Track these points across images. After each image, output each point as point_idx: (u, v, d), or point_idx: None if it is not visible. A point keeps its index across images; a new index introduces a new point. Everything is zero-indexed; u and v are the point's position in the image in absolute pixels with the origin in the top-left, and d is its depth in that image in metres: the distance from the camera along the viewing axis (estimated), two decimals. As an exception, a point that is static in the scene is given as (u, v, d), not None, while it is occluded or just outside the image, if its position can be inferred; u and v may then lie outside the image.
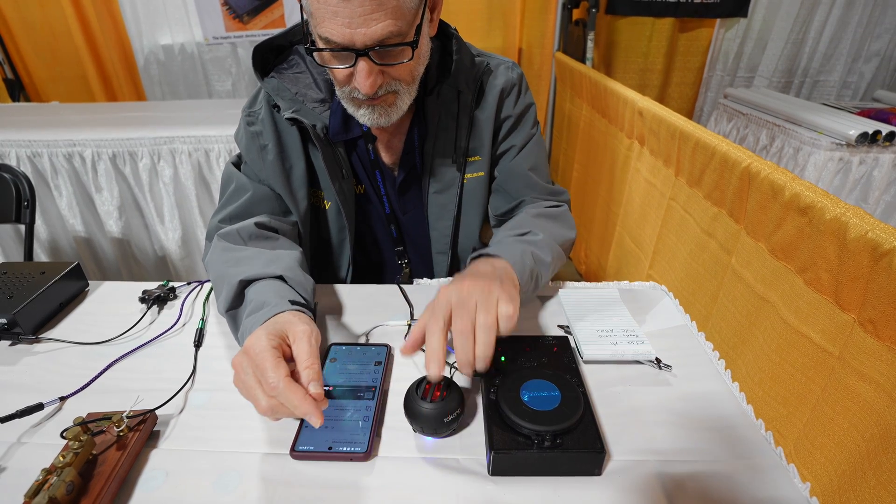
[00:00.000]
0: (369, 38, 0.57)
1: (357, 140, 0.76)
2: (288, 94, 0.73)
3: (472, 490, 0.46)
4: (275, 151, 0.74)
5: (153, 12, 2.22)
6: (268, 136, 0.74)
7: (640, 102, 1.03)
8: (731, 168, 0.61)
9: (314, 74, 0.74)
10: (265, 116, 0.74)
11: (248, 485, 0.47)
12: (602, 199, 1.41)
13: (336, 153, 0.75)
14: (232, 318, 0.61)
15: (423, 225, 0.83)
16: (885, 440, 0.38)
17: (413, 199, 0.82)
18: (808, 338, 0.47)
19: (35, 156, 1.57)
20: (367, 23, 0.56)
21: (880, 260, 0.39)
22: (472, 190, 0.81)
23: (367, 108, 0.66)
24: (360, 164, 0.79)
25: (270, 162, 0.74)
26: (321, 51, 0.60)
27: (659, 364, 0.61)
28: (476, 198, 0.82)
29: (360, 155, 0.78)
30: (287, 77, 0.74)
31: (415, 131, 0.76)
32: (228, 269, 0.63)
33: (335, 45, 0.58)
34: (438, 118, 0.75)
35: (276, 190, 0.75)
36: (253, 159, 0.75)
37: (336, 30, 0.56)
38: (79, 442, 0.45)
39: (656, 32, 2.26)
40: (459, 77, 0.74)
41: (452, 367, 0.60)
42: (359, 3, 0.54)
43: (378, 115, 0.66)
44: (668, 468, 0.48)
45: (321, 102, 0.74)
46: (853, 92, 2.49)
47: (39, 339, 0.66)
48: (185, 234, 1.70)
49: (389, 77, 0.63)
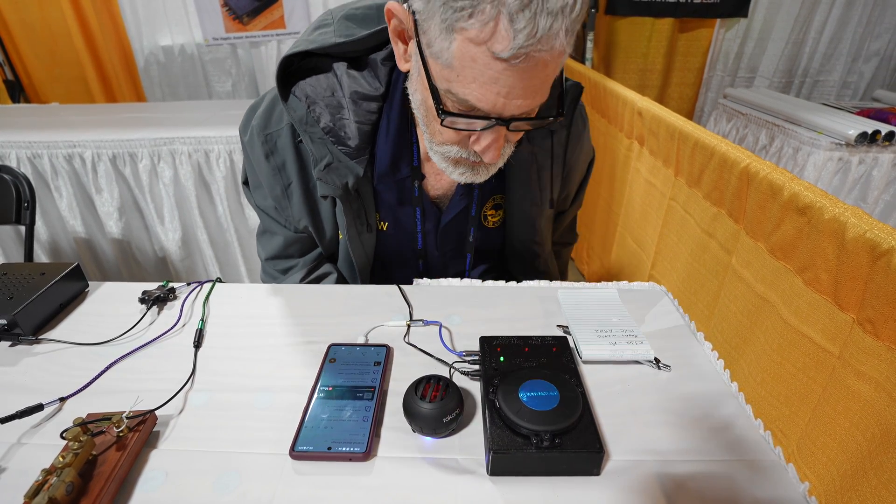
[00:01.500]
0: (520, 111, 0.50)
1: (403, 180, 0.70)
2: (317, 133, 0.62)
3: (471, 490, 0.46)
4: (300, 191, 0.68)
5: (153, 13, 2.22)
6: (292, 171, 0.67)
7: (640, 103, 1.04)
8: (730, 168, 0.61)
9: (351, 113, 0.63)
10: (286, 144, 0.66)
11: (248, 485, 0.47)
12: (603, 200, 1.41)
13: (363, 206, 0.69)
14: None
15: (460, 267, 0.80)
16: (885, 440, 0.38)
17: (458, 241, 0.77)
18: (808, 337, 0.47)
19: (35, 157, 1.57)
20: (527, 95, 0.48)
21: (879, 259, 0.39)
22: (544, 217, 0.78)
23: (469, 167, 0.59)
24: (395, 202, 0.72)
25: (297, 203, 0.69)
26: (456, 116, 0.51)
27: (658, 364, 0.61)
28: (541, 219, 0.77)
29: (397, 191, 0.71)
30: (317, 108, 0.62)
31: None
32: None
33: (477, 112, 0.50)
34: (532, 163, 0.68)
35: (303, 229, 0.74)
36: (277, 198, 0.70)
37: (488, 98, 0.48)
38: (78, 442, 0.45)
39: (656, 33, 2.26)
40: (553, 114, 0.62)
41: (452, 367, 0.60)
42: (526, 75, 0.46)
43: (477, 175, 0.60)
44: (668, 468, 0.48)
45: (357, 150, 0.64)
46: (853, 92, 2.49)
47: (39, 340, 0.66)
48: (185, 234, 1.70)
49: (506, 140, 0.57)
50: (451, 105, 0.51)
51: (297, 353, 0.63)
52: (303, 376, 0.59)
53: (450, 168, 0.60)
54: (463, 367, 0.60)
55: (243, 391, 0.58)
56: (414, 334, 0.66)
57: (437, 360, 0.62)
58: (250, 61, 2.35)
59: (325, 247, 0.78)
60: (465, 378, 0.59)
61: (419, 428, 0.51)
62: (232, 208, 1.65)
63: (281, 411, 0.55)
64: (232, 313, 0.72)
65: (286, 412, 0.54)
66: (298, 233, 0.77)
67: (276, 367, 0.61)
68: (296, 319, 0.70)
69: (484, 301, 0.73)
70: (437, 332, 0.67)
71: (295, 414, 0.53)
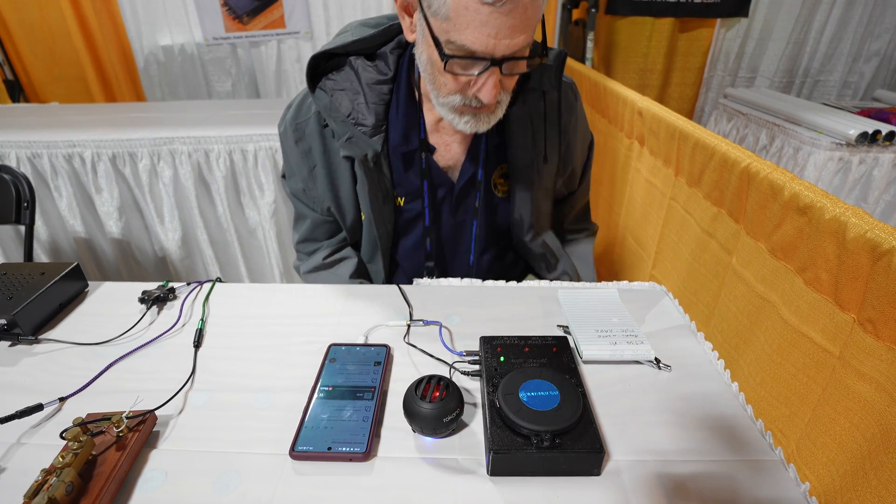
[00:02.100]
0: (510, 50, 0.58)
1: (413, 152, 0.77)
2: (339, 116, 0.72)
3: (471, 490, 0.46)
4: (324, 172, 0.77)
5: (153, 13, 2.22)
6: (317, 155, 0.77)
7: (640, 102, 1.03)
8: (730, 168, 0.61)
9: (367, 96, 0.73)
10: (312, 131, 0.76)
11: (248, 485, 0.47)
12: (604, 200, 1.41)
13: (381, 178, 0.77)
14: None
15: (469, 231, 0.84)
16: (885, 440, 0.38)
17: (468, 205, 0.83)
18: (808, 337, 0.47)
19: (35, 157, 1.57)
20: (514, 34, 0.57)
21: (879, 260, 0.39)
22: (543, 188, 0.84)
23: (472, 115, 0.67)
24: (408, 175, 0.79)
25: (321, 183, 0.79)
26: (455, 59, 0.59)
27: (658, 364, 0.61)
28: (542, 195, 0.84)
29: (410, 164, 0.78)
30: (338, 97, 0.73)
31: (483, 137, 0.77)
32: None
33: (474, 54, 0.58)
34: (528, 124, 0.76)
35: (327, 205, 0.82)
36: (304, 179, 0.80)
37: (480, 39, 0.57)
38: (78, 442, 0.45)
39: (656, 32, 2.25)
40: (543, 78, 0.75)
41: (452, 367, 0.60)
42: (510, 16, 0.55)
43: (480, 122, 0.68)
44: (668, 468, 0.48)
45: (373, 128, 0.73)
46: (853, 91, 2.49)
47: (39, 340, 0.66)
48: (185, 234, 1.70)
49: (503, 87, 0.65)
50: (451, 53, 0.60)
51: (297, 353, 0.63)
52: (303, 376, 0.59)
53: (456, 118, 0.68)
54: (463, 367, 0.60)
55: (243, 391, 0.58)
56: (414, 334, 0.66)
57: (437, 360, 0.62)
58: (250, 61, 2.35)
59: (349, 231, 0.86)
60: (466, 378, 0.59)
61: (419, 428, 0.51)
62: (232, 208, 1.64)
63: (281, 411, 0.55)
64: (232, 313, 0.72)
65: (286, 412, 0.54)
66: (325, 216, 0.85)
67: (276, 367, 0.61)
68: (296, 319, 0.70)
69: (484, 301, 0.73)
70: (437, 332, 0.67)
71: (295, 414, 0.53)
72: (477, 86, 0.63)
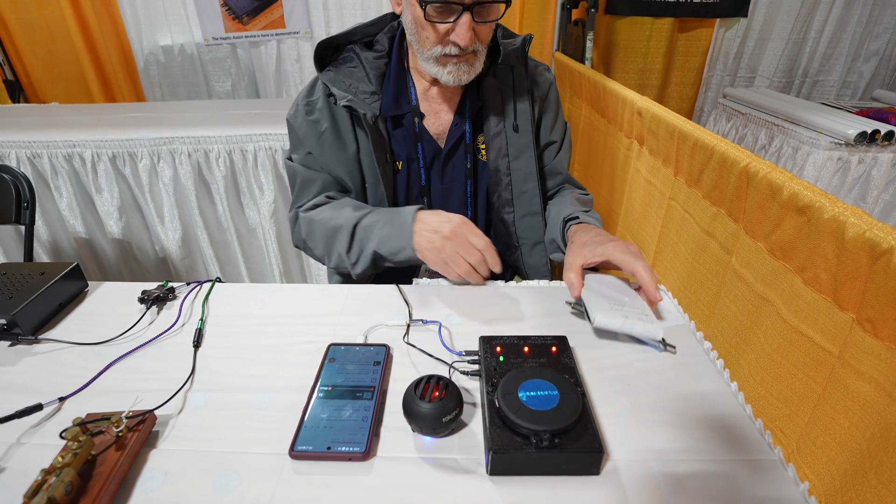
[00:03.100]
0: None
1: (404, 116, 0.86)
2: (342, 86, 0.83)
3: (471, 490, 0.46)
4: (331, 135, 0.85)
5: (153, 13, 2.22)
6: (325, 122, 0.85)
7: (639, 102, 1.03)
8: (729, 167, 0.61)
9: (367, 69, 0.85)
10: (322, 106, 0.85)
11: (248, 485, 0.47)
12: (603, 199, 1.41)
13: (382, 138, 0.85)
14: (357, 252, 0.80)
15: (461, 193, 0.92)
16: (885, 439, 0.38)
17: (457, 168, 0.90)
18: (808, 337, 0.47)
19: (35, 157, 1.57)
20: None
21: (878, 259, 0.39)
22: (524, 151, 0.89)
23: (454, 64, 0.77)
24: (403, 139, 0.88)
25: (328, 144, 0.85)
26: (433, 3, 0.70)
27: (664, 345, 0.62)
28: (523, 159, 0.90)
29: (404, 130, 0.88)
30: (342, 71, 0.85)
31: (466, 104, 0.87)
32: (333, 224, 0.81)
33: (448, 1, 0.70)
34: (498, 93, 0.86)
35: (335, 172, 0.87)
36: (312, 145, 0.86)
37: None
38: (78, 442, 0.45)
39: (655, 32, 2.25)
40: (511, 55, 0.86)
41: (451, 366, 0.60)
42: None
43: (461, 72, 0.77)
44: (667, 467, 0.48)
45: (371, 94, 0.84)
46: (852, 91, 2.49)
47: (39, 340, 0.66)
48: (185, 234, 1.70)
49: (478, 36, 0.75)
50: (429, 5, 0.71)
51: (296, 353, 0.63)
52: (302, 376, 0.59)
53: (440, 70, 0.78)
54: (463, 366, 0.60)
55: (243, 391, 0.58)
56: (413, 334, 0.66)
57: (436, 360, 0.62)
58: (250, 61, 2.34)
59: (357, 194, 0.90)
60: (465, 378, 0.59)
61: (419, 428, 0.51)
62: (232, 208, 1.64)
63: (280, 411, 0.55)
64: (231, 313, 0.72)
65: (286, 412, 0.54)
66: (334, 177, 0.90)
67: (276, 367, 0.61)
68: (296, 319, 0.70)
69: (484, 301, 0.73)
70: (436, 331, 0.67)
71: (294, 414, 0.53)
72: (454, 31, 0.73)
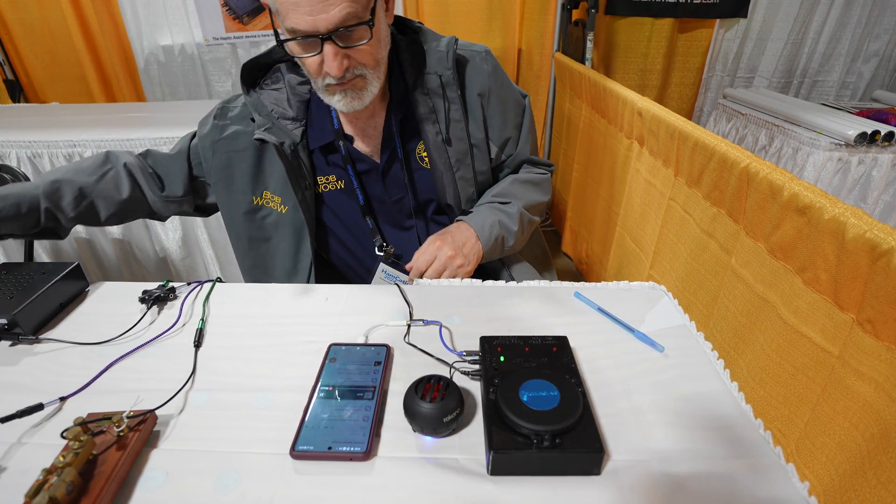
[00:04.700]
0: (330, 22, 0.64)
1: (332, 143, 0.83)
2: (265, 111, 0.81)
3: (472, 490, 0.46)
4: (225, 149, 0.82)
5: (153, 13, 2.22)
6: (228, 134, 0.82)
7: (640, 103, 1.04)
8: (729, 168, 0.61)
9: (289, 93, 0.82)
10: (236, 116, 0.83)
11: (248, 485, 0.47)
12: (603, 200, 1.41)
13: (301, 165, 0.83)
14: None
15: (405, 203, 0.88)
16: (884, 440, 0.38)
17: (398, 182, 0.86)
18: (807, 337, 0.47)
19: (35, 157, 1.57)
20: (326, 9, 0.63)
21: (879, 260, 0.39)
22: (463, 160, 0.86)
23: (341, 93, 0.73)
24: (334, 166, 0.85)
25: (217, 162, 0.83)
26: (290, 41, 0.67)
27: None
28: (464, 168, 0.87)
29: (337, 155, 0.84)
30: (266, 94, 0.82)
31: (392, 119, 0.82)
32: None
33: (301, 34, 0.65)
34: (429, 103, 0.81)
35: (188, 187, 0.86)
36: (205, 148, 0.83)
37: (300, 19, 0.63)
38: (79, 442, 0.45)
39: (656, 33, 2.26)
40: (434, 62, 0.81)
41: (452, 366, 0.60)
42: None
43: (351, 100, 0.73)
44: (668, 468, 0.49)
45: (293, 120, 0.82)
46: (852, 92, 2.49)
47: (39, 340, 0.66)
48: (186, 234, 1.70)
49: (355, 61, 0.70)
50: (286, 38, 0.67)
51: (297, 353, 0.63)
52: (303, 376, 0.59)
53: (332, 99, 0.74)
54: (463, 366, 0.60)
55: (243, 391, 0.58)
56: (414, 334, 0.67)
57: (437, 360, 0.62)
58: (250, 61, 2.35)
59: (199, 207, 0.91)
60: (466, 378, 0.59)
61: (419, 428, 0.51)
62: (232, 208, 1.64)
63: (281, 411, 0.55)
64: (232, 313, 0.72)
65: (286, 412, 0.54)
66: (191, 181, 0.87)
67: (277, 367, 0.61)
68: (296, 319, 0.70)
69: (484, 301, 0.73)
70: (437, 331, 0.67)
71: (295, 414, 0.53)
72: (325, 62, 0.68)
